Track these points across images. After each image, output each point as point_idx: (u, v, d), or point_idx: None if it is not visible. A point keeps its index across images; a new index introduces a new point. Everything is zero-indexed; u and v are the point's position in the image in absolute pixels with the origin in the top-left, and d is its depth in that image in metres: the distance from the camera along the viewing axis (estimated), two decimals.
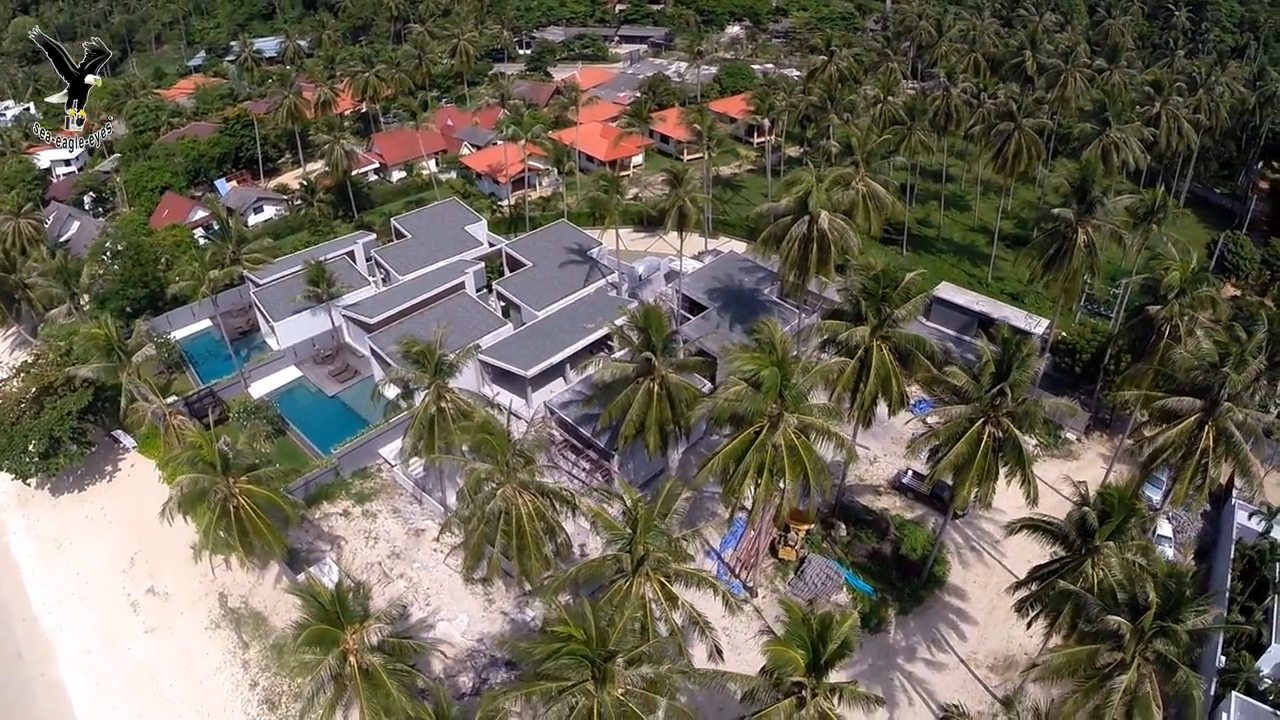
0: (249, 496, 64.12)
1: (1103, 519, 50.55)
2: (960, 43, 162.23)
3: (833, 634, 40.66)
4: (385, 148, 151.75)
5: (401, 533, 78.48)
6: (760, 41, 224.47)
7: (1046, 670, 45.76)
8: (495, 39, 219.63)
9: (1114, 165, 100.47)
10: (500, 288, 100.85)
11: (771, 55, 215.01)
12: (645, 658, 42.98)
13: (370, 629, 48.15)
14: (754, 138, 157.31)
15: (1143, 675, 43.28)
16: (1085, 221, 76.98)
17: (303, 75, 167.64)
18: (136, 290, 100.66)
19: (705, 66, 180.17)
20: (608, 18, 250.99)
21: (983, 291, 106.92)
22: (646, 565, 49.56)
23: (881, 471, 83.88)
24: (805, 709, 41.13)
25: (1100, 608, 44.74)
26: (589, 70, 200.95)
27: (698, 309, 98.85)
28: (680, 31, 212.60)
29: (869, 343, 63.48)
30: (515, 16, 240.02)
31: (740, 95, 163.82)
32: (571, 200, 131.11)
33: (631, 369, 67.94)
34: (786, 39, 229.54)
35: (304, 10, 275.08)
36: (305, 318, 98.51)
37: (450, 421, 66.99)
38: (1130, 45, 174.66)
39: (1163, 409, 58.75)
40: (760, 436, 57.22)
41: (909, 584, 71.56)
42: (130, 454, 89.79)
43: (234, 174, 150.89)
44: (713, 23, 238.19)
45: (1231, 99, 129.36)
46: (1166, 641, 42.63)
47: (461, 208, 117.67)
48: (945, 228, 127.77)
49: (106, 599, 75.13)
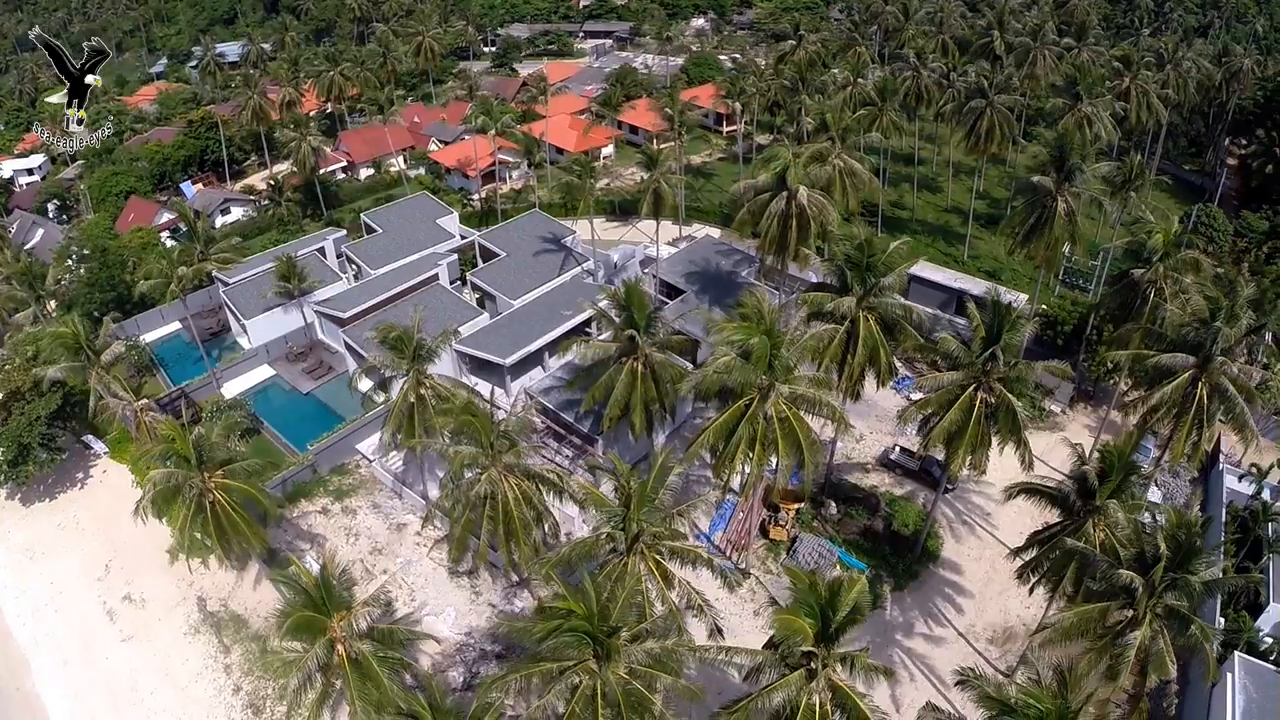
0: (225, 492, 62.16)
1: (1101, 480, 49.75)
2: (927, 25, 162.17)
3: (842, 600, 39.24)
4: (352, 145, 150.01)
5: (383, 528, 76.97)
6: (725, 33, 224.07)
7: (1056, 632, 44.72)
8: (460, 36, 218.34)
9: (1088, 138, 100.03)
10: (475, 278, 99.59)
11: (737, 46, 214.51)
12: (649, 633, 41.64)
13: (358, 614, 46.39)
14: (724, 126, 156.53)
15: (1155, 631, 42.46)
16: (1064, 189, 76.51)
17: (267, 78, 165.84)
18: (104, 294, 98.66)
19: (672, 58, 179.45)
20: (572, 14, 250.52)
21: (960, 269, 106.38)
22: (641, 542, 48.23)
23: (868, 449, 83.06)
24: (815, 681, 39.81)
25: (1109, 563, 43.85)
26: (555, 65, 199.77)
27: (675, 293, 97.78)
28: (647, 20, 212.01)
29: (855, 313, 62.42)
30: (480, 14, 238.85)
31: (708, 85, 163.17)
32: (543, 192, 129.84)
33: (614, 349, 66.58)
34: (752, 30, 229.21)
35: (266, 14, 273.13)
36: (277, 315, 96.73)
37: (430, 408, 65.43)
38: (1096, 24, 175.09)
39: (1155, 366, 58.00)
40: (751, 409, 56.01)
41: (903, 560, 70.72)
42: (102, 459, 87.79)
43: (200, 177, 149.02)
44: (678, 15, 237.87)
45: (1199, 75, 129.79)
46: (1178, 594, 41.79)
47: (432, 201, 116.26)
48: (919, 209, 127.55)
49: (82, 608, 73.08)
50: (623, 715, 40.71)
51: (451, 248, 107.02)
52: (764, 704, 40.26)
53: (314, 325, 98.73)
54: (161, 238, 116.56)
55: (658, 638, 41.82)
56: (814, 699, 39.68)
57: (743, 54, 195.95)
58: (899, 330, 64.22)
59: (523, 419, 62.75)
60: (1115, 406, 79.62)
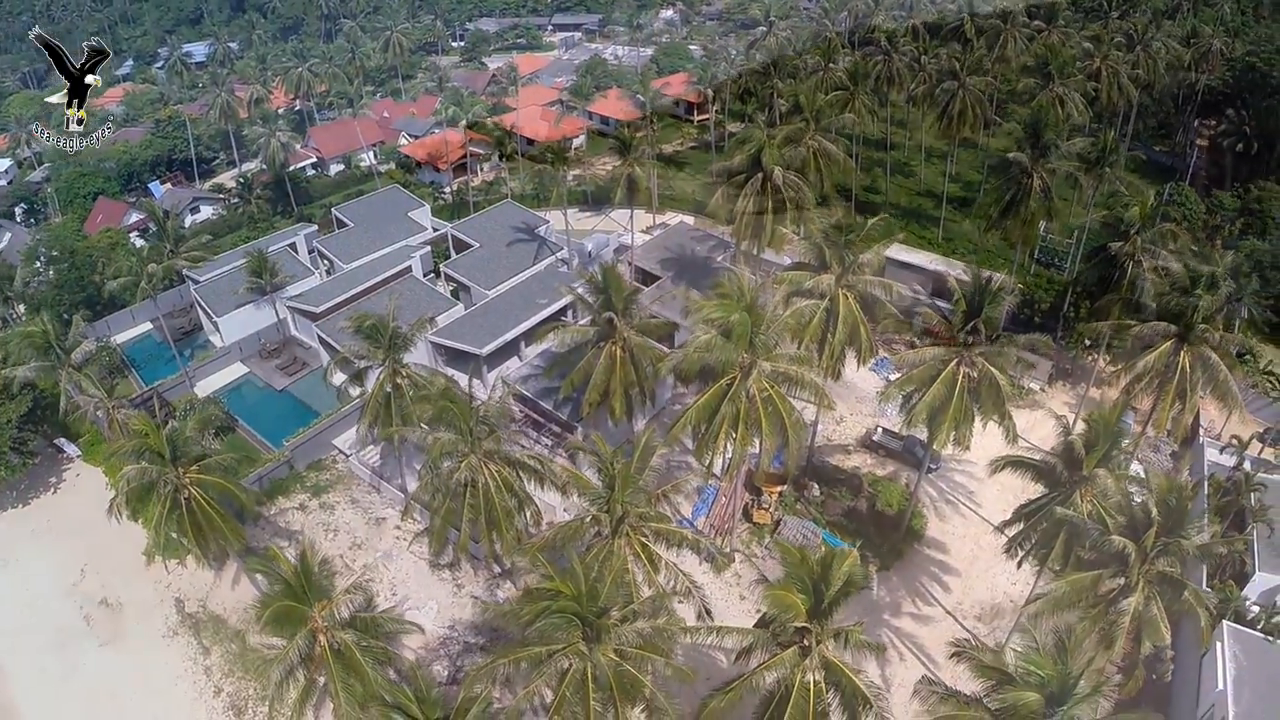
0: (200, 487, 60.72)
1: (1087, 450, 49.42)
2: (897, 10, 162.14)
3: (834, 574, 38.59)
4: (322, 141, 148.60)
5: (361, 523, 76.01)
6: (695, 23, 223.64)
7: (1049, 602, 44.27)
8: (428, 31, 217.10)
9: (1061, 116, 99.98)
10: (448, 269, 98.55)
11: (707, 36, 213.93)
12: (637, 614, 40.91)
13: (340, 602, 45.31)
14: (695, 115, 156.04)
15: (1149, 597, 42.14)
16: (1040, 165, 76.35)
17: (234, 76, 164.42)
18: (73, 295, 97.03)
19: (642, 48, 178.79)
20: (540, 7, 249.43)
21: (935, 252, 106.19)
22: (626, 524, 47.55)
23: (849, 431, 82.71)
24: (809, 658, 39.17)
25: (1100, 530, 43.52)
26: (525, 58, 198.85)
27: (651, 280, 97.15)
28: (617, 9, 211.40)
29: (835, 291, 61.93)
30: (448, 9, 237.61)
31: (679, 74, 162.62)
32: (514, 184, 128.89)
33: (592, 333, 65.92)
34: (721, 20, 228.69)
35: (232, 13, 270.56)
36: (249, 312, 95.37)
37: (407, 396, 64.45)
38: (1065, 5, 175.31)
39: (1136, 337, 57.83)
40: (734, 387, 55.41)
41: (887, 540, 70.35)
42: (75, 462, 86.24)
43: (168, 176, 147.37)
44: (646, 7, 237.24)
45: (1168, 55, 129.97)
46: (1170, 560, 41.51)
47: (403, 194, 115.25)
48: (891, 193, 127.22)
49: (58, 615, 71.42)
50: (614, 698, 40.04)
51: (424, 240, 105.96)
52: (757, 683, 39.66)
53: (287, 321, 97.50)
54: (130, 238, 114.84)
55: (647, 618, 41.05)
56: (808, 677, 39.08)
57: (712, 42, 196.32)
58: (879, 307, 63.85)
59: (501, 405, 61.68)
60: (1094, 383, 79.55)
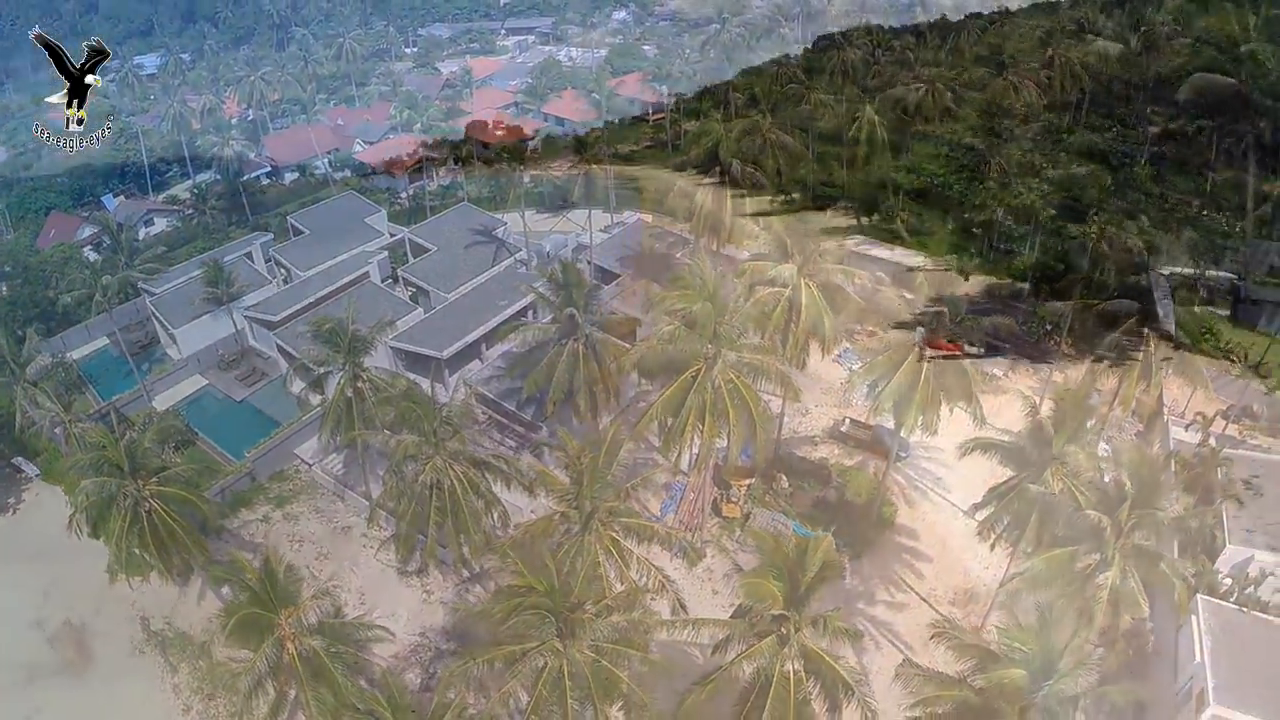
0: (161, 499, 59.48)
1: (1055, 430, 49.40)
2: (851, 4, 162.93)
3: (810, 560, 38.18)
4: (275, 149, 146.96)
5: (326, 532, 74.85)
6: (648, 25, 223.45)
7: (1025, 581, 44.19)
8: (381, 38, 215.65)
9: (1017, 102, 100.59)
10: (406, 274, 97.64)
11: (660, 36, 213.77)
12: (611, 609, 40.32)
13: (307, 608, 44.36)
14: (650, 115, 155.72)
15: (1125, 572, 42.10)
16: (997, 149, 76.68)
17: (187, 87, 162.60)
18: (27, 310, 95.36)
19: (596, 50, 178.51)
20: (493, 12, 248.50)
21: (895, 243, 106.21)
22: (596, 519, 46.99)
23: (815, 422, 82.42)
24: (788, 647, 38.70)
25: (1075, 506, 43.49)
26: (479, 62, 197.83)
27: (611, 279, 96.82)
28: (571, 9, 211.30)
29: (797, 280, 61.71)
30: (400, 15, 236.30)
31: (632, 75, 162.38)
32: (471, 188, 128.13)
33: (554, 331, 65.41)
34: (674, 21, 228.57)
35: (183, 24, 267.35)
36: (206, 323, 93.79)
37: (369, 400, 63.60)
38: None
39: (1100, 314, 58.07)
40: (699, 378, 55.02)
41: (857, 528, 70.10)
42: (34, 482, 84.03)
43: (121, 190, 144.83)
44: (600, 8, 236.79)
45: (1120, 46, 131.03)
46: (1146, 533, 41.52)
47: (359, 200, 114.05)
48: (848, 186, 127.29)
49: (19, 639, 69.43)
50: (592, 696, 39.42)
51: (381, 245, 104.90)
52: (736, 674, 39.20)
53: (245, 331, 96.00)
54: (84, 252, 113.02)
55: (621, 612, 40.48)
56: (787, 666, 38.63)
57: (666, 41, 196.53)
58: (841, 296, 63.76)
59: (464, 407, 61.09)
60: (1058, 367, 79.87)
